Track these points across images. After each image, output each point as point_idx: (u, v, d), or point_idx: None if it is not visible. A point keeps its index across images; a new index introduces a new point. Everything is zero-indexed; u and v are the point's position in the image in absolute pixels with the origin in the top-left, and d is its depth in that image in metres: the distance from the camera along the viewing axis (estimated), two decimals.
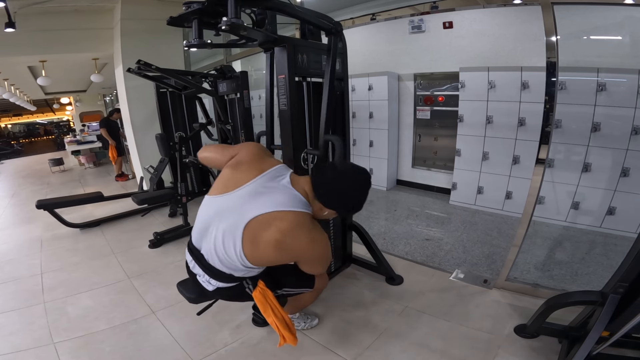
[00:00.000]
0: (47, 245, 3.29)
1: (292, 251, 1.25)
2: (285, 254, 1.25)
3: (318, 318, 1.98)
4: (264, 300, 1.39)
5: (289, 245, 1.21)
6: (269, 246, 1.19)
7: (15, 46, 4.30)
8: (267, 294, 1.40)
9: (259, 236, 1.20)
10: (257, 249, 1.22)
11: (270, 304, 1.39)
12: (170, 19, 1.41)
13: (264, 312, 1.39)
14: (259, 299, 1.39)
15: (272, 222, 1.19)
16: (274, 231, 1.18)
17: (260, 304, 1.39)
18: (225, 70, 3.02)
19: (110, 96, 11.92)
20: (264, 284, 1.41)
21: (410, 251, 2.87)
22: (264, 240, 1.19)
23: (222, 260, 1.29)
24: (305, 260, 1.35)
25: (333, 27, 1.76)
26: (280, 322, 1.40)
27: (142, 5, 4.23)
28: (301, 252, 1.27)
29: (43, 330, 1.99)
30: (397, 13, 2.80)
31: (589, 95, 2.91)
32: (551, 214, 3.28)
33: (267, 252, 1.22)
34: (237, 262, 1.26)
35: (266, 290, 1.40)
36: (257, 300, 1.39)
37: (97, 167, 7.78)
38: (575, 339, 1.52)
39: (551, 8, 1.72)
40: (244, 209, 1.22)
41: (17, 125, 21.15)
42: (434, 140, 4.35)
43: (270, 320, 1.40)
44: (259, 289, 1.39)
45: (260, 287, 1.40)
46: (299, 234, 1.21)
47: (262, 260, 1.29)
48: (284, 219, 1.19)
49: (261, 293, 1.39)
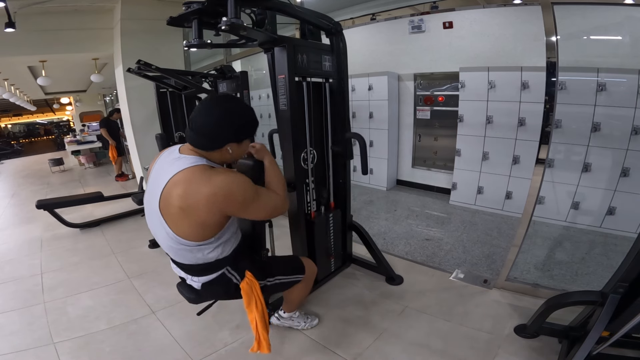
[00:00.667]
0: (47, 245, 3.29)
1: (202, 206, 1.12)
2: (202, 211, 1.13)
3: (318, 318, 1.98)
4: (250, 292, 1.37)
5: (194, 204, 1.11)
6: (180, 213, 1.14)
7: (15, 46, 4.30)
8: (254, 285, 1.38)
9: (169, 209, 1.15)
10: (175, 221, 1.17)
11: (256, 297, 1.37)
12: (170, 19, 1.42)
13: (248, 305, 1.37)
14: (246, 290, 1.36)
15: (171, 191, 1.14)
16: (175, 198, 1.12)
17: (245, 296, 1.37)
18: (225, 70, 3.02)
19: (110, 96, 11.92)
20: (252, 276, 1.38)
21: (410, 251, 2.87)
22: (173, 212, 1.15)
23: (176, 251, 1.26)
24: (230, 207, 1.17)
25: (333, 27, 1.76)
26: (261, 320, 1.38)
27: (142, 5, 4.23)
28: (213, 201, 1.12)
29: (43, 330, 1.99)
30: (397, 13, 2.79)
31: (589, 95, 2.91)
32: (551, 214, 3.28)
33: (182, 220, 1.16)
34: (180, 245, 1.22)
35: (254, 282, 1.38)
36: (243, 292, 1.36)
37: (97, 167, 7.78)
38: (575, 339, 1.52)
39: (551, 8, 1.72)
40: (153, 195, 1.21)
41: (17, 125, 21.16)
42: (434, 140, 4.35)
43: (252, 316, 1.38)
44: (246, 280, 1.37)
45: (248, 278, 1.37)
46: (196, 186, 1.12)
47: (189, 230, 1.18)
48: (177, 184, 1.13)
49: (248, 284, 1.37)
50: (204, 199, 1.11)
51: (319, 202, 2.17)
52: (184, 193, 1.11)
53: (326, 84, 2.08)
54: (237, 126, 1.20)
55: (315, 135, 2.06)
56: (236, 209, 1.19)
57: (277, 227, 2.45)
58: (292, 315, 1.89)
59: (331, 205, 2.26)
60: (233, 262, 1.36)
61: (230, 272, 1.37)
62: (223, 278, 1.36)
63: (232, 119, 1.19)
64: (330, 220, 2.21)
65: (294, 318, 1.90)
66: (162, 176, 1.18)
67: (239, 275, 1.37)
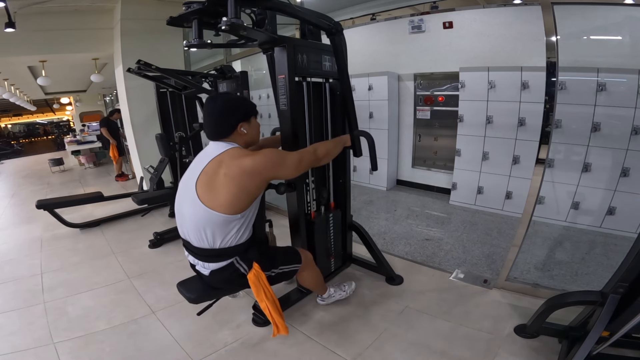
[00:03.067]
0: (47, 245, 3.29)
1: (247, 172, 1.33)
2: (245, 176, 1.33)
3: (354, 282, 2.21)
4: (257, 282, 1.47)
5: (238, 171, 1.32)
6: (224, 179, 1.32)
7: (15, 46, 4.30)
8: (260, 276, 1.48)
9: (211, 181, 1.34)
10: (212, 192, 1.33)
11: (263, 287, 1.48)
12: (170, 19, 1.42)
13: (257, 295, 1.48)
14: (253, 281, 1.47)
15: (214, 167, 1.35)
16: (221, 168, 1.33)
17: (253, 287, 1.47)
18: (225, 70, 3.02)
19: (110, 96, 11.92)
20: (259, 267, 1.48)
21: (410, 251, 2.87)
22: (216, 181, 1.33)
23: (199, 231, 1.38)
24: (269, 170, 1.39)
25: (333, 27, 1.76)
26: (272, 306, 1.50)
27: (142, 5, 4.23)
28: (252, 166, 1.33)
29: (43, 330, 1.99)
30: (397, 13, 2.80)
31: (589, 95, 2.91)
32: (551, 214, 3.28)
33: (222, 189, 1.32)
34: (207, 221, 1.35)
35: (260, 273, 1.48)
36: (251, 282, 1.47)
37: (97, 167, 7.78)
38: (575, 339, 1.52)
39: (551, 8, 1.72)
40: (190, 179, 1.41)
41: (17, 125, 21.15)
42: (434, 140, 4.35)
43: (263, 305, 1.50)
44: (253, 272, 1.47)
45: (255, 269, 1.47)
46: (240, 159, 1.34)
47: (223, 199, 1.33)
48: (221, 161, 1.35)
49: (255, 276, 1.47)
50: (249, 166, 1.32)
51: (319, 202, 2.17)
52: (229, 163, 1.33)
53: (326, 84, 2.09)
54: (239, 107, 1.45)
55: (315, 135, 2.06)
56: (273, 170, 1.40)
57: (277, 227, 2.45)
58: (330, 293, 2.07)
59: (331, 206, 2.26)
60: (243, 253, 1.47)
61: (239, 262, 1.47)
62: (231, 267, 1.47)
63: (233, 104, 1.45)
64: (330, 220, 2.21)
65: (333, 295, 2.08)
66: (202, 162, 1.40)
67: (246, 266, 1.48)
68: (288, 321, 1.95)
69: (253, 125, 1.51)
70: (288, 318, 1.98)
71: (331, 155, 1.75)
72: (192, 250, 1.47)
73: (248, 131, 1.47)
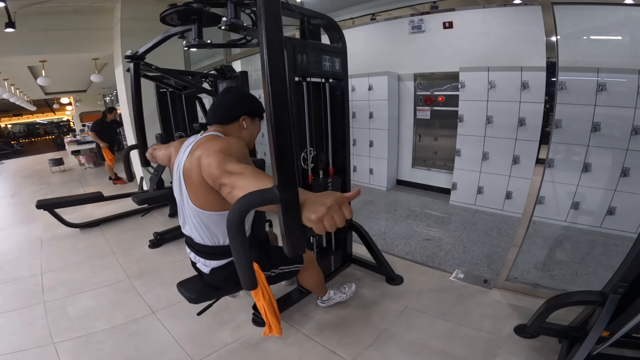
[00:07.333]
0: (47, 245, 3.29)
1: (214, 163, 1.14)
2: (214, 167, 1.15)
3: (354, 283, 2.19)
4: None
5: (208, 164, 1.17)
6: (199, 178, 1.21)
7: (15, 46, 4.30)
8: (260, 276, 1.46)
9: (191, 176, 1.25)
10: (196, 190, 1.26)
11: (262, 287, 1.47)
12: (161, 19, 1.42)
13: (255, 295, 1.47)
14: None
15: (191, 159, 1.25)
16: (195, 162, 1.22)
17: None
18: (225, 70, 3.02)
19: (110, 96, 11.92)
20: (259, 267, 1.46)
21: (410, 251, 2.87)
22: (194, 178, 1.23)
23: (198, 229, 1.36)
24: None
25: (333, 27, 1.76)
26: (268, 306, 1.49)
27: (142, 5, 4.23)
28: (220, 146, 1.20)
29: (43, 330, 1.99)
30: (397, 13, 2.81)
31: (589, 95, 2.91)
32: (551, 214, 3.28)
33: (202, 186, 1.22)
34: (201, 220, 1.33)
35: (260, 273, 1.46)
36: None
37: (97, 167, 7.77)
38: (575, 339, 1.52)
39: (551, 8, 1.72)
40: (178, 171, 1.35)
41: (17, 125, 21.15)
42: (434, 140, 4.34)
43: (260, 304, 1.49)
44: None
45: (254, 269, 1.43)
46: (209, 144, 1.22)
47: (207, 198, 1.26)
48: (195, 150, 1.25)
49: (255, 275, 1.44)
50: (213, 154, 1.15)
51: (317, 166, 2.13)
52: (200, 155, 1.21)
53: (326, 84, 2.08)
54: (250, 102, 1.43)
55: (315, 135, 2.05)
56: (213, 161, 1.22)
57: (277, 227, 2.44)
58: (330, 296, 2.06)
59: (330, 172, 2.23)
60: None
61: None
62: (232, 265, 1.45)
63: (246, 97, 1.44)
64: (329, 187, 2.15)
65: (332, 298, 2.07)
66: (185, 152, 1.34)
67: None
68: (288, 321, 1.96)
69: (255, 125, 1.47)
70: (288, 318, 1.98)
71: None
72: (194, 247, 1.46)
73: (248, 126, 1.43)
